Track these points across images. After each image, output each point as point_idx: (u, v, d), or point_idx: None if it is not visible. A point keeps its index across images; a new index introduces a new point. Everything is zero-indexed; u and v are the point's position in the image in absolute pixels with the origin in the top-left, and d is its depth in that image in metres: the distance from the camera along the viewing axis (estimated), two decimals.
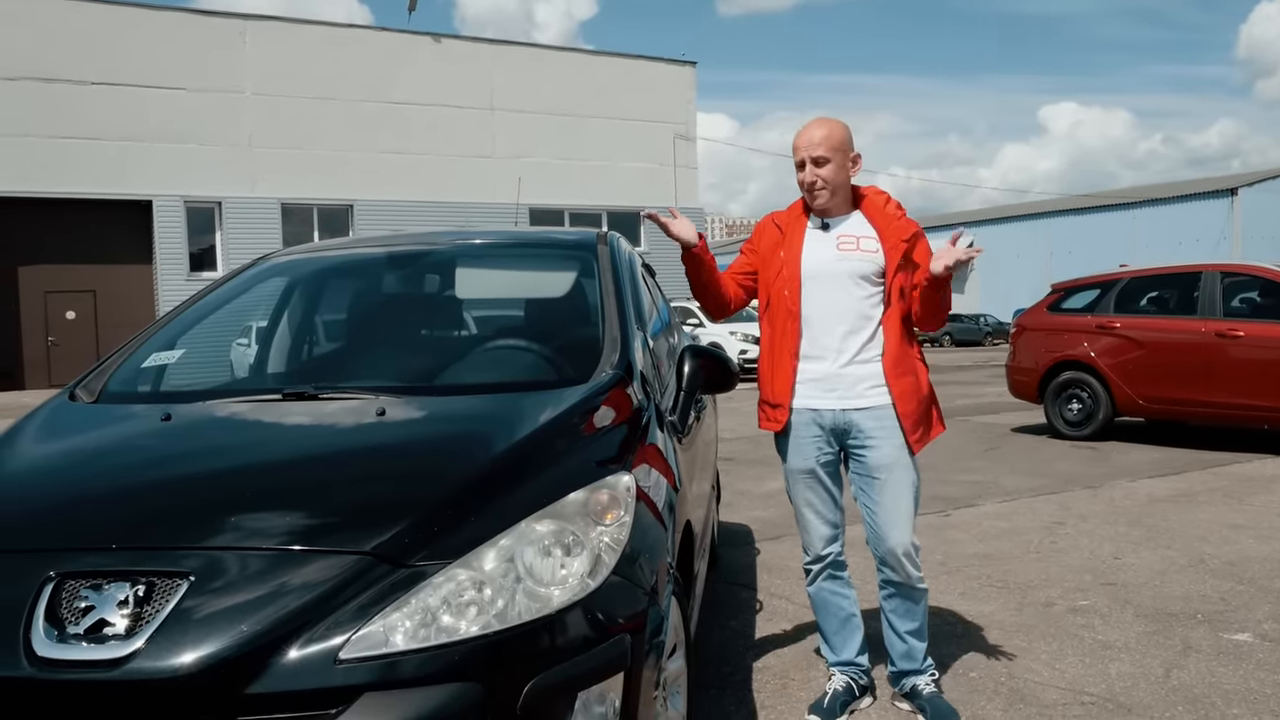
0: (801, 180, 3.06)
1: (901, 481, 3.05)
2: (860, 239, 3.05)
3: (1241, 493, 6.80)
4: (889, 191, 3.13)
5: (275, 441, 2.50)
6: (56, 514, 2.14)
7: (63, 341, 22.66)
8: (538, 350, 3.10)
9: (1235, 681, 3.36)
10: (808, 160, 3.02)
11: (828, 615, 3.24)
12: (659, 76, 29.57)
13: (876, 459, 3.04)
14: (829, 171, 3.01)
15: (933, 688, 3.15)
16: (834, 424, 3.07)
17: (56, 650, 1.76)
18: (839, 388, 3.05)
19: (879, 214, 3.08)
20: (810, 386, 3.08)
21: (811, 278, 3.06)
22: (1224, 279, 8.98)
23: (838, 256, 3.05)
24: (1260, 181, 44.30)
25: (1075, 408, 9.74)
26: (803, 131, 3.06)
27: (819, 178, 3.01)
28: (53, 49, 22.06)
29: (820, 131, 3.02)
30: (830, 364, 3.05)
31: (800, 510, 3.20)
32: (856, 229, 3.08)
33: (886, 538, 3.07)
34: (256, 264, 3.62)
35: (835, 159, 3.01)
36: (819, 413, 3.08)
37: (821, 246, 3.08)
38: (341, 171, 24.95)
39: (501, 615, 1.86)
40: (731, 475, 7.69)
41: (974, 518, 6.13)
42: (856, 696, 3.21)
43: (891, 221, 3.05)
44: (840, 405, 3.05)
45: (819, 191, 3.04)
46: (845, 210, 3.11)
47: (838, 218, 3.10)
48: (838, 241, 3.07)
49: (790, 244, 3.11)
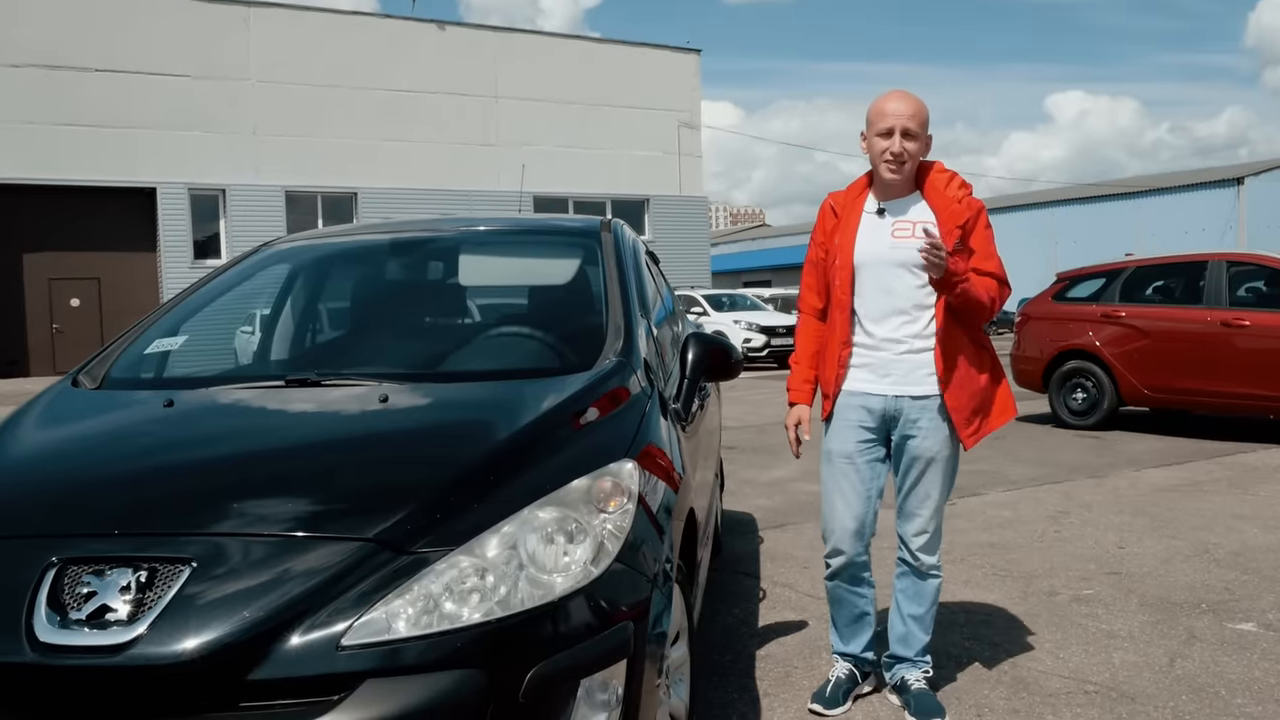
0: (885, 149, 2.88)
1: (936, 473, 3.01)
2: (917, 225, 2.91)
3: (1246, 482, 6.79)
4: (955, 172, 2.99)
5: (278, 428, 2.50)
6: (59, 500, 2.14)
7: (67, 328, 22.70)
8: (541, 337, 3.09)
9: (1239, 671, 3.36)
10: (898, 130, 2.86)
11: (841, 610, 3.19)
12: (663, 64, 29.49)
13: (920, 449, 2.99)
14: (915, 147, 2.89)
15: (922, 684, 3.09)
16: (884, 409, 2.99)
17: (59, 636, 1.76)
18: (893, 374, 2.97)
19: (939, 196, 2.94)
20: (863, 371, 3.01)
21: (863, 266, 2.96)
22: (1230, 268, 8.94)
23: (891, 245, 2.93)
24: (1266, 171, 44.09)
25: (1080, 397, 9.71)
26: (891, 99, 2.90)
27: (906, 150, 2.87)
28: (57, 36, 22.04)
29: (913, 104, 2.88)
30: (886, 353, 2.97)
31: (828, 495, 3.09)
32: (916, 213, 2.95)
33: (911, 520, 3.05)
34: (260, 250, 3.61)
35: (921, 136, 2.89)
36: (869, 396, 3.00)
37: (876, 234, 2.97)
38: (345, 159, 24.93)
39: (504, 602, 1.86)
40: (735, 464, 7.69)
41: (979, 506, 6.12)
42: (858, 683, 3.18)
43: (950, 204, 2.92)
44: (893, 391, 2.98)
45: (903, 165, 2.89)
46: (906, 190, 2.98)
47: (897, 200, 2.98)
48: (894, 228, 2.95)
49: (845, 231, 3.01)
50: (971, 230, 2.92)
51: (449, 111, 26.20)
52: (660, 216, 28.60)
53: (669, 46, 29.95)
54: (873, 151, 2.94)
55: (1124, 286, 9.59)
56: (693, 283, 25.59)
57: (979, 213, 2.94)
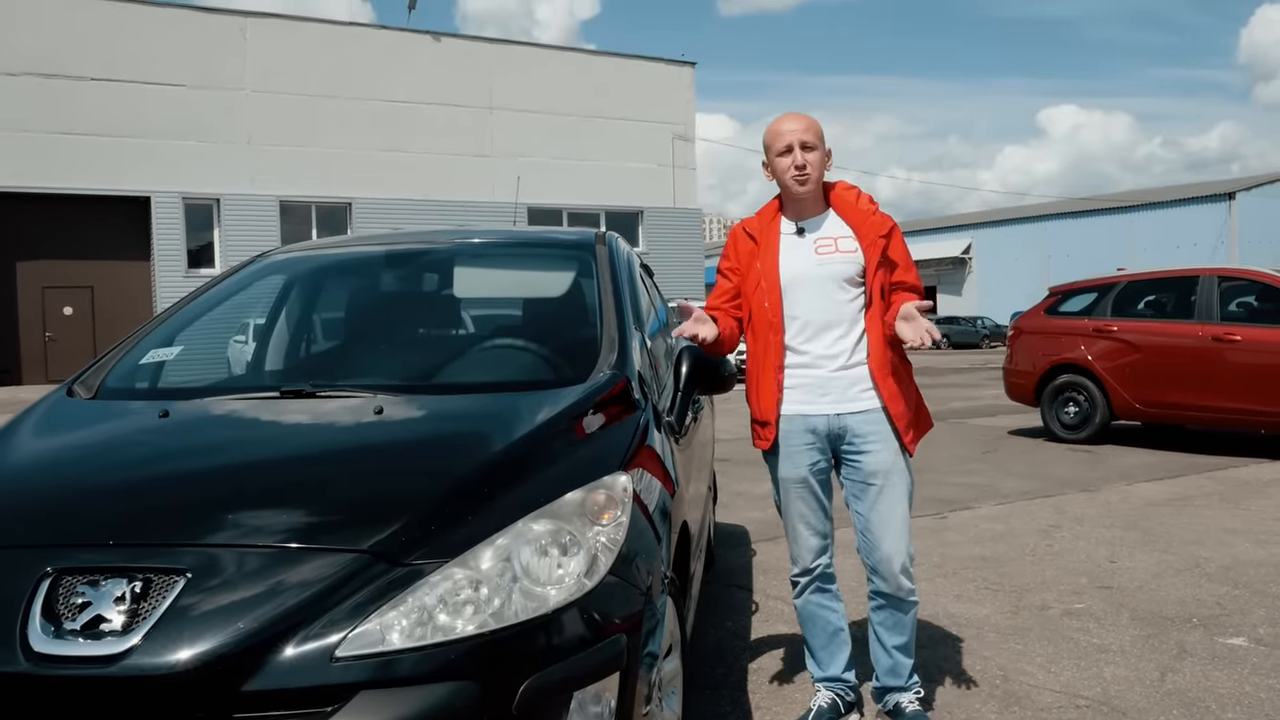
0: (788, 164, 2.94)
1: (897, 487, 2.98)
2: (838, 239, 2.97)
3: (1238, 497, 6.81)
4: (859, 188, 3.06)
5: (272, 439, 2.51)
6: (54, 510, 2.14)
7: (60, 337, 22.62)
8: (535, 350, 3.10)
9: (1230, 686, 3.37)
10: (797, 145, 2.93)
11: (815, 629, 3.14)
12: (658, 77, 29.56)
13: (873, 464, 2.97)
14: (815, 158, 2.94)
15: (916, 705, 3.06)
16: (828, 429, 2.99)
17: (53, 646, 1.76)
18: (831, 392, 2.97)
19: (852, 210, 2.99)
20: (800, 393, 2.99)
21: (792, 286, 2.97)
22: (1221, 283, 9.00)
23: (817, 261, 2.96)
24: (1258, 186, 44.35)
25: (1072, 411, 9.75)
26: (784, 120, 2.98)
27: (808, 161, 2.93)
28: (53, 44, 22.02)
29: (805, 120, 2.97)
30: (821, 370, 2.97)
31: (791, 522, 3.10)
32: (833, 229, 2.99)
33: (880, 545, 2.98)
34: (255, 261, 3.62)
35: (819, 148, 2.95)
36: (810, 418, 2.99)
37: (799, 252, 2.99)
38: (340, 169, 24.93)
39: (498, 614, 1.86)
40: (728, 476, 7.69)
41: (970, 520, 6.13)
42: (842, 714, 3.12)
43: (866, 218, 2.97)
44: (834, 410, 2.97)
45: (807, 177, 2.94)
46: (819, 209, 3.03)
47: (812, 219, 3.02)
48: (815, 245, 2.98)
49: (766, 253, 3.02)
50: (891, 241, 2.97)
51: (444, 122, 26.22)
52: (654, 228, 28.63)
53: (664, 59, 30.04)
54: (778, 172, 2.99)
55: (1116, 301, 9.64)
56: (686, 295, 25.61)
57: (894, 227, 3.00)
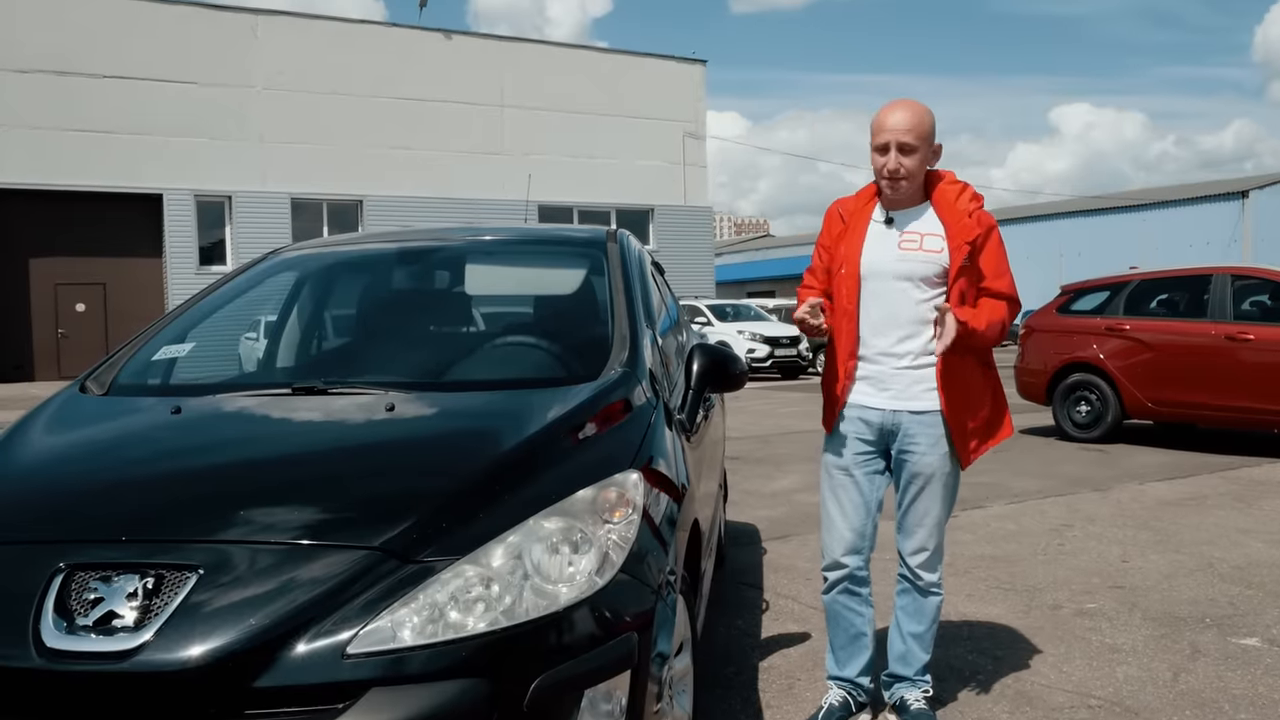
0: (882, 166, 2.82)
1: (937, 490, 2.96)
2: (925, 236, 2.86)
3: (1251, 497, 6.77)
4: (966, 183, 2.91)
5: (284, 436, 2.51)
6: (66, 506, 2.15)
7: (72, 333, 22.74)
8: (547, 347, 3.10)
9: (1243, 686, 3.35)
10: (893, 145, 2.79)
11: (838, 629, 3.12)
12: (669, 74, 29.55)
13: (918, 465, 2.94)
14: (914, 162, 2.80)
15: (922, 704, 3.04)
16: (882, 423, 2.95)
17: (65, 642, 1.77)
18: (892, 388, 2.92)
19: (949, 209, 2.86)
20: (865, 384, 2.95)
21: (869, 277, 2.89)
22: (1234, 282, 8.94)
23: (898, 256, 2.86)
24: (1271, 184, 44.03)
25: (1084, 410, 9.70)
26: (890, 112, 2.82)
27: (903, 166, 2.80)
28: (65, 42, 22.11)
29: (911, 117, 2.80)
30: (884, 366, 2.92)
31: (826, 509, 3.05)
32: (924, 225, 2.88)
33: (909, 539, 3.02)
34: (267, 258, 3.62)
35: (921, 149, 2.81)
36: (867, 410, 2.95)
37: (883, 244, 2.89)
38: (351, 167, 24.98)
39: (509, 612, 1.86)
40: (739, 474, 7.68)
41: (981, 519, 6.11)
42: (853, 713, 3.11)
43: (960, 218, 2.84)
44: (891, 405, 2.93)
45: (900, 182, 2.83)
46: (916, 200, 2.91)
47: (906, 210, 2.91)
48: (901, 239, 2.88)
49: (852, 239, 2.93)
50: (982, 248, 2.86)
51: (455, 120, 26.25)
52: (665, 226, 28.62)
53: (675, 57, 30.02)
54: (873, 167, 2.90)
55: (1128, 299, 9.60)
56: (697, 293, 25.60)
57: (990, 230, 2.87)
